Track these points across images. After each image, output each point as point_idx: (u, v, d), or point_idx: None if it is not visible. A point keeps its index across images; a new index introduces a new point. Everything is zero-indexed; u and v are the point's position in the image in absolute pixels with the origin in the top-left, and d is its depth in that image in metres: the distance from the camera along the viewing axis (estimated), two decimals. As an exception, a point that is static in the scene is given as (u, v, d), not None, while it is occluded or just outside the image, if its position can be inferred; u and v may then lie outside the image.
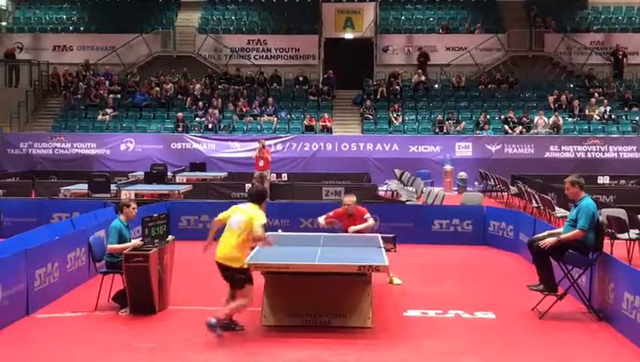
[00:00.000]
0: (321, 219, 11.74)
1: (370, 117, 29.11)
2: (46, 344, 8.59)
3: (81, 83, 30.92)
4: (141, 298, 9.55)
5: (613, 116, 28.49)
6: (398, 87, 30.69)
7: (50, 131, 28.60)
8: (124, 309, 9.72)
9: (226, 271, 8.75)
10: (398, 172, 24.14)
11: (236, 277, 8.72)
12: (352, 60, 32.11)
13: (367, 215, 11.57)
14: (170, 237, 10.36)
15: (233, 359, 8.08)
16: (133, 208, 10.38)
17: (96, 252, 10.17)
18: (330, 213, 11.83)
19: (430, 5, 34.71)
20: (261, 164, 21.35)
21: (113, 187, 18.77)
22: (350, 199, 11.65)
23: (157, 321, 9.51)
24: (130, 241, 10.07)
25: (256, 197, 9.08)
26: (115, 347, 8.50)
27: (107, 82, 31.06)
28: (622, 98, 29.73)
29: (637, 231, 12.97)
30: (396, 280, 11.53)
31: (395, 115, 28.95)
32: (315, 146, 27.19)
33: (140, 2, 34.73)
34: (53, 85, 31.55)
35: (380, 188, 21.94)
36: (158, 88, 30.66)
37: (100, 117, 29.12)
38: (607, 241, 11.50)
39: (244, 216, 8.79)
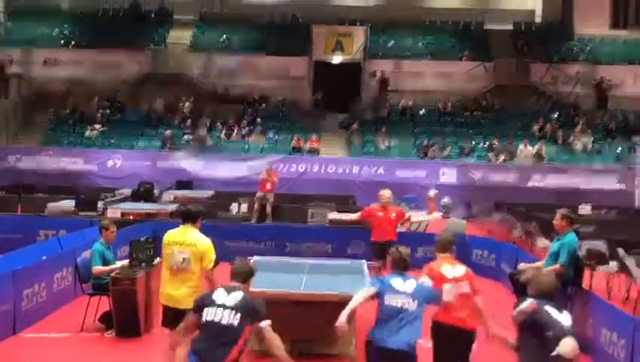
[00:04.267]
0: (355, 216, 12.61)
1: (357, 140, 29.35)
2: (32, 364, 8.69)
3: (69, 97, 30.98)
4: (127, 320, 9.67)
5: (596, 146, 28.88)
6: (385, 111, 30.97)
7: (39, 145, 28.64)
8: (110, 331, 9.82)
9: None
10: (383, 196, 24.28)
11: None
12: (340, 83, 32.36)
13: (408, 214, 12.73)
14: (157, 260, 10.48)
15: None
16: (112, 231, 10.42)
17: (84, 274, 10.27)
18: (356, 216, 12.63)
19: (419, 31, 35.09)
20: (268, 186, 21.12)
21: (100, 204, 18.82)
22: (388, 192, 11.91)
23: (142, 344, 9.62)
24: (114, 262, 10.21)
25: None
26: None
27: (96, 98, 31.14)
28: (605, 129, 30.15)
29: (616, 263, 13.18)
30: None
31: (381, 139, 29.21)
32: (301, 168, 27.38)
33: (132, 19, 34.91)
34: (42, 99, 31.58)
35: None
36: (146, 105, 30.77)
37: (88, 132, 29.19)
38: (587, 272, 11.70)
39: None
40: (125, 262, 10.29)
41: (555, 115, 31.14)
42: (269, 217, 20.76)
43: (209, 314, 6.01)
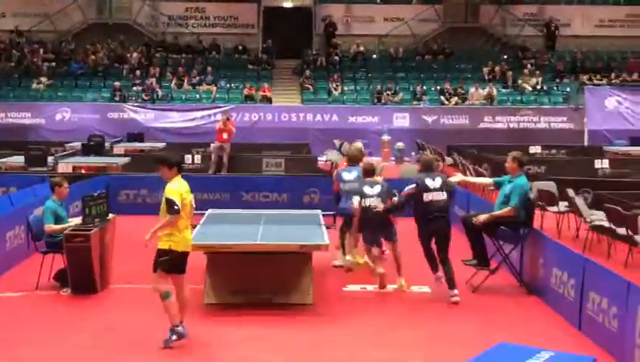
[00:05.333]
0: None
1: (310, 87, 29.25)
2: (-12, 325, 8.60)
3: (14, 50, 30.19)
4: (82, 277, 9.59)
5: (545, 87, 29.24)
6: (337, 58, 30.85)
7: (-16, 100, 28.02)
8: (66, 288, 9.75)
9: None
10: (337, 142, 24.37)
11: None
12: (291, 29, 32.04)
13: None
14: (110, 215, 10.40)
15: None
16: (65, 187, 10.32)
17: (36, 232, 10.13)
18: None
19: (369, -25, 34.77)
20: (224, 136, 20.89)
21: (50, 160, 18.54)
22: (360, 145, 11.87)
23: (99, 300, 9.58)
24: (66, 219, 10.09)
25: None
26: (57, 327, 8.57)
27: (41, 50, 30.40)
28: (554, 69, 30.50)
29: (566, 203, 13.46)
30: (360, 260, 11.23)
31: (334, 86, 29.14)
32: (254, 116, 27.26)
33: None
34: (-15, 52, 30.77)
35: (319, 159, 22.11)
36: (93, 56, 30.15)
37: (34, 85, 28.57)
38: (537, 213, 11.93)
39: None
40: (78, 219, 10.18)
41: (505, 57, 31.33)
42: (225, 168, 20.66)
43: (365, 202, 10.03)
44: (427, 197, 9.46)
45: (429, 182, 9.54)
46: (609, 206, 11.74)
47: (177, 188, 7.81)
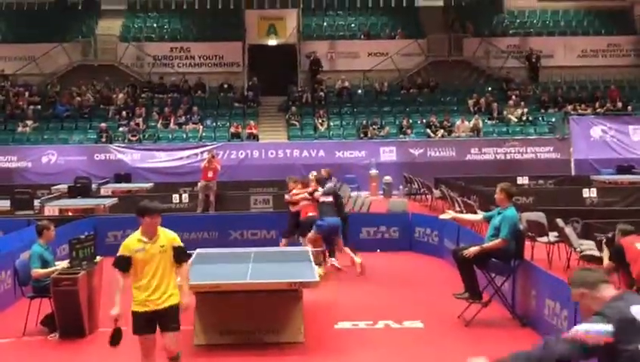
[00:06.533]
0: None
1: (296, 123, 29.31)
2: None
3: (-1, 94, 30.20)
4: (70, 322, 9.46)
5: (530, 118, 29.42)
6: (322, 93, 30.98)
7: (-31, 144, 27.89)
8: (54, 334, 9.60)
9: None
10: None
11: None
12: (276, 67, 32.21)
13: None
14: (98, 257, 10.29)
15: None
16: (52, 231, 10.22)
17: (23, 276, 10.00)
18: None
19: (351, 11, 35.11)
20: (210, 174, 20.91)
21: (37, 203, 18.41)
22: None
23: (87, 345, 9.43)
24: (53, 263, 9.97)
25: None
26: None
27: (26, 93, 30.37)
28: (538, 100, 30.71)
29: (556, 234, 13.43)
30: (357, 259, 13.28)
31: (320, 121, 29.22)
32: (242, 154, 27.25)
33: (59, 11, 34.02)
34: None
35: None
36: (79, 98, 30.15)
37: (20, 129, 28.50)
38: (527, 244, 11.89)
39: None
40: (65, 262, 10.06)
41: (489, 89, 31.55)
42: (212, 206, 20.58)
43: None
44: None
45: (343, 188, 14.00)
46: (598, 235, 11.72)
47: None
